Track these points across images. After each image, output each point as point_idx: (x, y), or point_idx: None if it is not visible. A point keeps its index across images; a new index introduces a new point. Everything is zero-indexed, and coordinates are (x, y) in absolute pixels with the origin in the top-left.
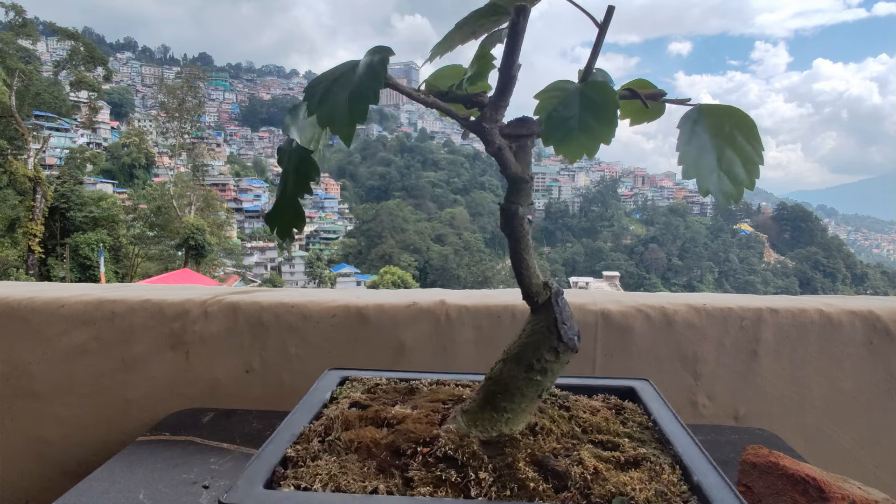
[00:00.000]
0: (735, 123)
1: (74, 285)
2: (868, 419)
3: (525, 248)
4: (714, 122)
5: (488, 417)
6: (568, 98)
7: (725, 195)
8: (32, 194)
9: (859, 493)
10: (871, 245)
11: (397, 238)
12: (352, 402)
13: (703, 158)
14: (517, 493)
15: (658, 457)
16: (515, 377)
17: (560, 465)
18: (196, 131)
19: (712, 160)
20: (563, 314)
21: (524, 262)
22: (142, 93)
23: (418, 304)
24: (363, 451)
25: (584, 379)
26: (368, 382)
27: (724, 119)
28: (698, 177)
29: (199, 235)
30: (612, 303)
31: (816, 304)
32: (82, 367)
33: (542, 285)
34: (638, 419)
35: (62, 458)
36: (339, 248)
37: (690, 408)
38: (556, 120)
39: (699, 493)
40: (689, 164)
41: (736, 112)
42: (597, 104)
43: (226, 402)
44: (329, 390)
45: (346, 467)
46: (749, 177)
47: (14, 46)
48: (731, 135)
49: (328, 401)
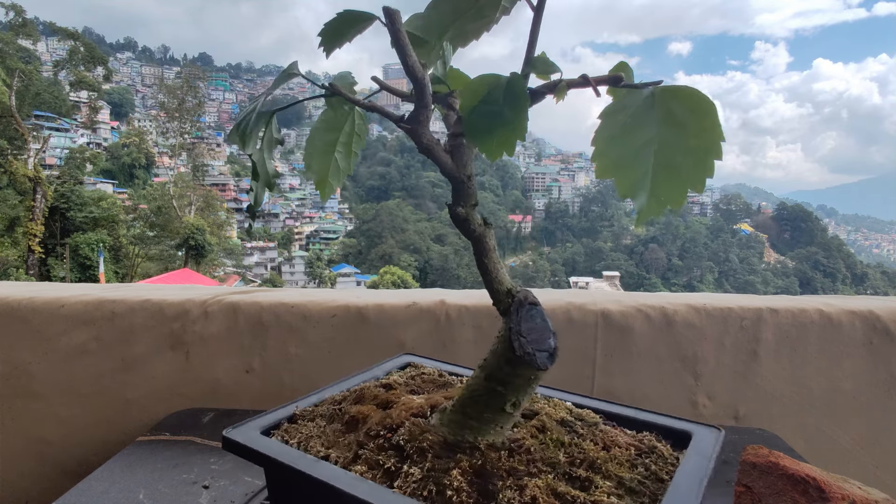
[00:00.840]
0: (691, 108)
1: (74, 285)
2: (868, 419)
3: (484, 252)
4: (666, 109)
5: (457, 421)
6: (493, 92)
7: (657, 203)
8: (32, 194)
9: (859, 493)
10: (871, 245)
11: (397, 238)
12: (386, 383)
13: (631, 155)
14: (433, 497)
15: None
16: (479, 386)
17: (496, 485)
18: (196, 131)
19: (648, 160)
20: (523, 326)
21: (484, 267)
22: (142, 93)
23: (418, 304)
24: (350, 425)
25: (645, 413)
26: (420, 370)
27: (678, 105)
28: (620, 178)
29: (199, 235)
30: (613, 303)
31: (816, 304)
32: (82, 367)
33: (505, 292)
34: (656, 467)
35: (62, 458)
36: (339, 248)
37: (690, 408)
38: (477, 115)
39: None
40: (611, 162)
41: (693, 94)
42: (515, 97)
43: (226, 402)
44: (388, 370)
45: (324, 434)
46: (698, 174)
47: (14, 46)
48: (683, 124)
49: (379, 377)
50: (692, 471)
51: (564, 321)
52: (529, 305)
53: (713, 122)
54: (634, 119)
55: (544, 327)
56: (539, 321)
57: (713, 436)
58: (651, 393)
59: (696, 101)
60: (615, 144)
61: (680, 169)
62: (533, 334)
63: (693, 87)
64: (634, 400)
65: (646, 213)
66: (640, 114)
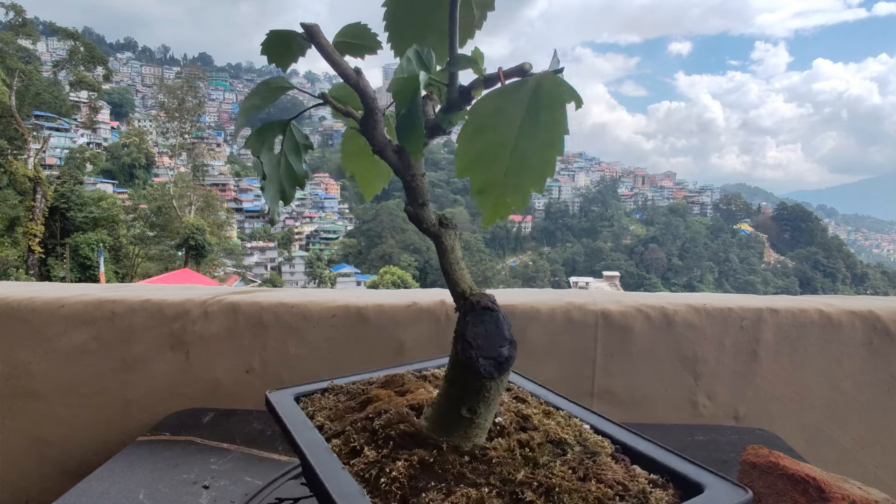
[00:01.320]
0: (548, 101)
1: (74, 285)
2: (868, 419)
3: (441, 252)
4: (534, 102)
5: (433, 419)
6: (416, 93)
7: (504, 206)
8: (32, 194)
9: (859, 493)
10: (871, 245)
11: (397, 238)
12: (424, 374)
13: (491, 153)
14: (370, 480)
15: None
16: (442, 387)
17: (429, 484)
18: (196, 131)
19: (505, 159)
20: (469, 331)
21: (442, 267)
22: (142, 93)
23: (418, 304)
24: (363, 404)
25: (667, 454)
26: None
27: (542, 96)
28: (474, 177)
29: (199, 235)
30: (613, 303)
31: (816, 304)
32: (82, 367)
33: (460, 294)
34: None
35: (62, 458)
36: (339, 248)
37: (690, 408)
38: (398, 117)
39: None
40: (468, 161)
41: (553, 84)
42: (412, 98)
43: (226, 402)
44: (435, 364)
45: (335, 408)
46: (540, 172)
47: (14, 46)
48: (538, 118)
49: (422, 369)
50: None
51: (564, 321)
52: (482, 310)
53: (561, 115)
54: (498, 114)
55: (498, 334)
56: (492, 327)
57: (731, 495)
58: (651, 393)
59: (553, 92)
60: (476, 142)
61: (532, 167)
62: (480, 340)
63: (561, 77)
64: (634, 400)
65: (491, 215)
66: (505, 108)
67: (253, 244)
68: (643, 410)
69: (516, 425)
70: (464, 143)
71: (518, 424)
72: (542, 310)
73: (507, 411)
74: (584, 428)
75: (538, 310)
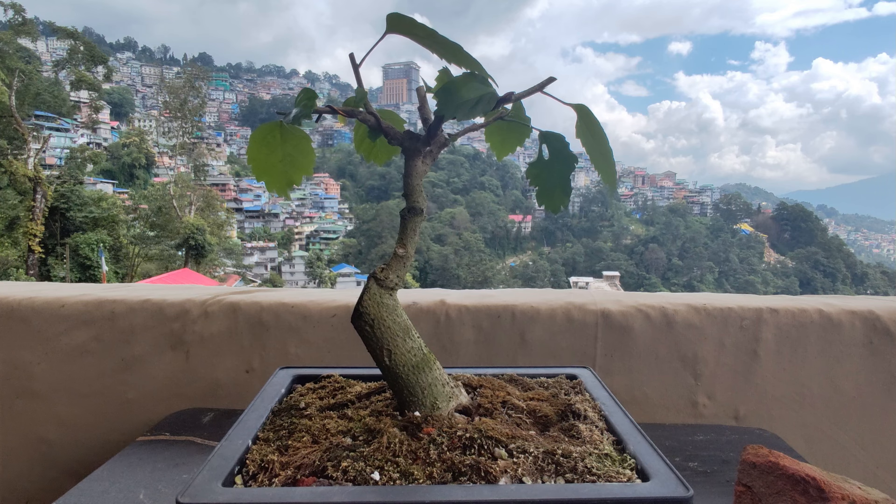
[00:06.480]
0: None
1: (74, 285)
2: (868, 419)
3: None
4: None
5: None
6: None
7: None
8: (32, 194)
9: (859, 493)
10: (871, 245)
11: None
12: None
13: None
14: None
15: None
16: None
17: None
18: (196, 131)
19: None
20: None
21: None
22: (142, 93)
23: (418, 304)
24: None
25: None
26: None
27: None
28: (268, 179)
29: (200, 235)
30: (612, 303)
31: (816, 304)
32: (82, 367)
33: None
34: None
35: (62, 458)
36: (339, 248)
37: (690, 408)
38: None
39: None
40: (260, 167)
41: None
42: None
43: (226, 402)
44: (554, 375)
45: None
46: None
47: (14, 46)
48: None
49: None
50: None
51: (564, 321)
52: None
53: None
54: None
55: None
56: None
57: (674, 490)
58: (651, 393)
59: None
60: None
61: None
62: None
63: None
64: (634, 400)
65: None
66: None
67: (253, 244)
68: (643, 410)
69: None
70: (251, 153)
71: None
72: (542, 310)
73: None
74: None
75: (538, 310)
